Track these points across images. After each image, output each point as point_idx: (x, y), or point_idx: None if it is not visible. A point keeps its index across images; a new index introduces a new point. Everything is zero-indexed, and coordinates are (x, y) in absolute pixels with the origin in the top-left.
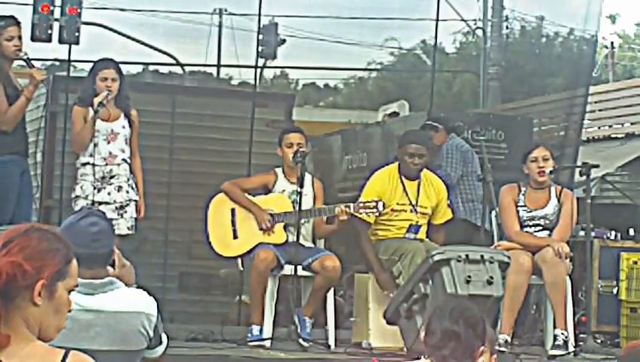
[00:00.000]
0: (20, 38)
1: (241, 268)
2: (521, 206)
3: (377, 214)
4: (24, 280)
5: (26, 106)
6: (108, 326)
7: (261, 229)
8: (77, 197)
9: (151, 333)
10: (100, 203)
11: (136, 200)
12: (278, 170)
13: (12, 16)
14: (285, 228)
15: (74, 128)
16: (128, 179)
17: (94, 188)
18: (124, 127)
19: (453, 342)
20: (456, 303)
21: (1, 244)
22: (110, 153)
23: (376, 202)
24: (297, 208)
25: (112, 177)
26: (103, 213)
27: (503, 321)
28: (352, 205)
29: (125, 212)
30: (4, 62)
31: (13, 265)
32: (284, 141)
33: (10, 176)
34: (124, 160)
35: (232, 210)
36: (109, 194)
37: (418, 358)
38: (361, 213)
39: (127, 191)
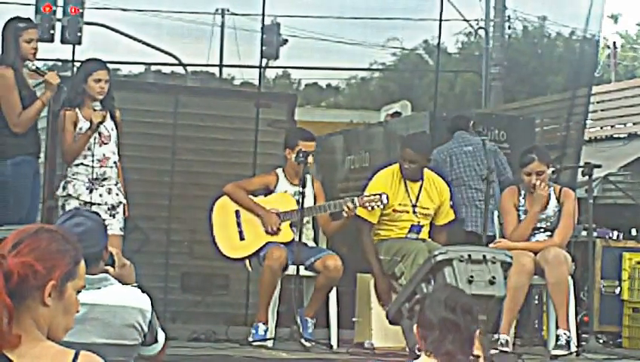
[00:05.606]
0: (37, 41)
1: (250, 269)
2: (523, 210)
3: (382, 207)
4: (35, 281)
5: (41, 111)
6: (102, 319)
7: (267, 233)
8: (69, 196)
9: (145, 329)
10: (92, 204)
11: (123, 203)
12: (279, 171)
13: (29, 19)
14: (291, 226)
15: (64, 136)
16: (117, 183)
17: (87, 189)
18: (112, 129)
19: (453, 332)
20: (448, 291)
21: (11, 245)
22: (104, 155)
23: (380, 195)
24: (300, 208)
25: (104, 179)
26: (95, 212)
27: (503, 322)
28: (356, 199)
29: (117, 213)
30: (20, 63)
31: (25, 266)
32: (299, 147)
33: (24, 177)
34: (114, 162)
35: (237, 212)
36: (100, 195)
37: (418, 357)
38: (366, 206)
39: (117, 194)
